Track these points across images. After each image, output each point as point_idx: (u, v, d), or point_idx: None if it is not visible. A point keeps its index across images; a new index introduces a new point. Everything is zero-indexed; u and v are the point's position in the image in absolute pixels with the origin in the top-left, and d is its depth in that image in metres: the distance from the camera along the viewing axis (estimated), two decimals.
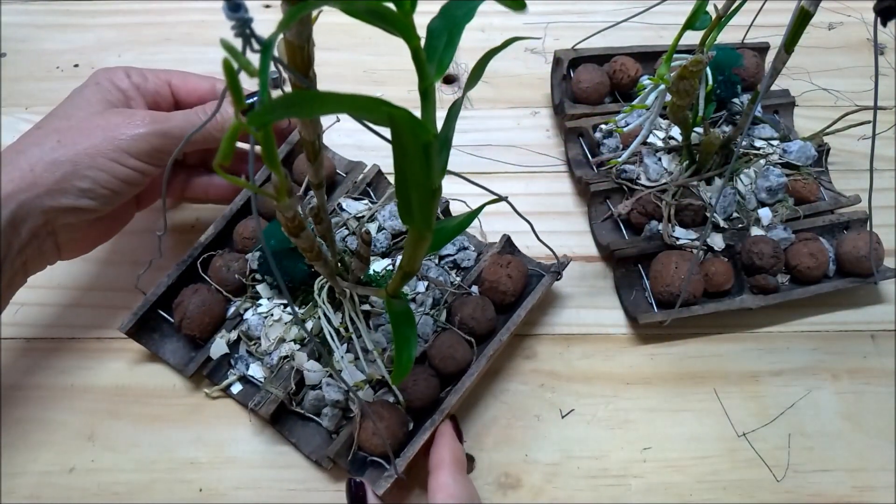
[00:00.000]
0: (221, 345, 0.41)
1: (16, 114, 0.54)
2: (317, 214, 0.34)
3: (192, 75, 0.44)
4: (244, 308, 0.43)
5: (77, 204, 0.36)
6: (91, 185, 0.36)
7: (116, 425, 0.41)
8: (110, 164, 0.37)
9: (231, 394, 0.42)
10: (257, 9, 0.60)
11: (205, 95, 0.43)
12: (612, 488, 0.40)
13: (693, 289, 0.43)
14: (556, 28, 0.60)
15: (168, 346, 0.43)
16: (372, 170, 0.47)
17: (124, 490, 0.39)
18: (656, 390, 0.43)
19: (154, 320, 0.43)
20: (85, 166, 0.36)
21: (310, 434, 0.40)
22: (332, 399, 0.39)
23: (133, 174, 0.38)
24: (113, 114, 0.38)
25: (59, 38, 0.59)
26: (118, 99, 0.40)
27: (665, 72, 0.39)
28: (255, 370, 0.41)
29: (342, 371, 0.39)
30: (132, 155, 0.37)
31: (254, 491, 0.40)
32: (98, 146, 0.37)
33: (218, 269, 0.43)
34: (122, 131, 0.37)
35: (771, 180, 0.46)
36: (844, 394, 0.43)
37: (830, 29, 0.61)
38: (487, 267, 0.43)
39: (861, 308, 0.47)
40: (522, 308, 0.42)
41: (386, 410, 0.38)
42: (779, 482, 0.40)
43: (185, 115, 0.40)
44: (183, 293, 0.42)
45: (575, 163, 0.51)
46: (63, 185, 0.36)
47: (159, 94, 0.42)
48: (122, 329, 0.41)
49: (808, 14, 0.34)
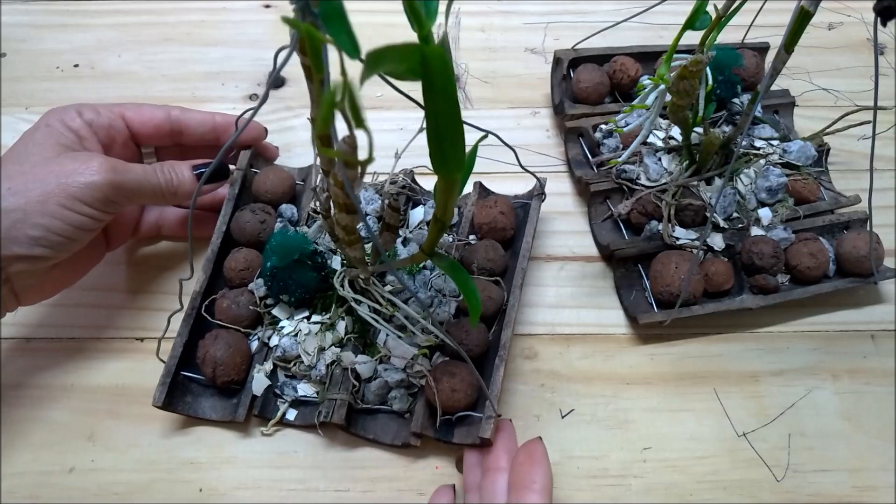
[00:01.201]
0: (262, 379, 0.40)
1: (16, 114, 0.54)
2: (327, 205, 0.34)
3: (146, 106, 0.43)
4: (267, 336, 0.42)
5: (30, 252, 0.35)
6: (43, 232, 0.35)
7: (116, 425, 0.41)
8: (63, 212, 0.35)
9: (288, 421, 0.40)
10: (257, 9, 0.60)
11: (160, 125, 0.43)
12: (612, 488, 0.40)
13: (693, 289, 0.43)
14: (556, 28, 0.60)
15: (204, 403, 0.41)
16: None
17: (124, 490, 0.39)
18: (656, 390, 0.43)
19: (181, 384, 0.40)
20: (36, 213, 0.35)
21: (383, 424, 0.40)
22: (395, 380, 0.39)
23: (87, 220, 0.37)
24: (67, 159, 0.37)
25: (59, 38, 0.59)
26: (71, 140, 0.39)
27: (665, 72, 0.39)
28: (304, 389, 0.41)
29: (393, 351, 0.40)
30: (85, 203, 0.36)
31: (254, 491, 0.40)
32: (50, 193, 0.35)
33: (227, 310, 0.41)
34: (75, 178, 0.36)
35: (771, 180, 0.46)
36: (844, 394, 0.43)
37: (830, 29, 0.61)
38: (477, 213, 0.45)
39: (861, 308, 0.47)
40: (527, 234, 0.44)
41: (453, 367, 0.38)
42: (779, 482, 0.40)
43: (144, 171, 0.39)
44: (202, 346, 0.40)
45: (575, 163, 0.51)
46: (14, 234, 0.35)
47: (113, 127, 0.41)
48: (156, 403, 0.39)
49: (808, 14, 0.34)
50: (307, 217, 0.45)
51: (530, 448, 0.35)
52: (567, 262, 0.48)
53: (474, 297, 0.32)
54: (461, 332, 0.40)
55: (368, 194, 0.46)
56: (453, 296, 0.43)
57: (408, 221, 0.46)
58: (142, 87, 0.56)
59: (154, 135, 0.43)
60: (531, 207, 0.45)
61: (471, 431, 0.38)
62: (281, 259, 0.39)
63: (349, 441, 0.41)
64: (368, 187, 0.46)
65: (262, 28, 0.59)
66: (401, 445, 0.40)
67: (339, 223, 0.31)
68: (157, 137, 0.43)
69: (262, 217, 0.44)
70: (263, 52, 0.57)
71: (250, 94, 0.55)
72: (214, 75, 0.56)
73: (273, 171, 0.46)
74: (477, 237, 0.45)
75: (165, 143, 0.44)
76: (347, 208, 0.29)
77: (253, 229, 0.43)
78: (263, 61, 0.57)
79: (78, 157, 0.37)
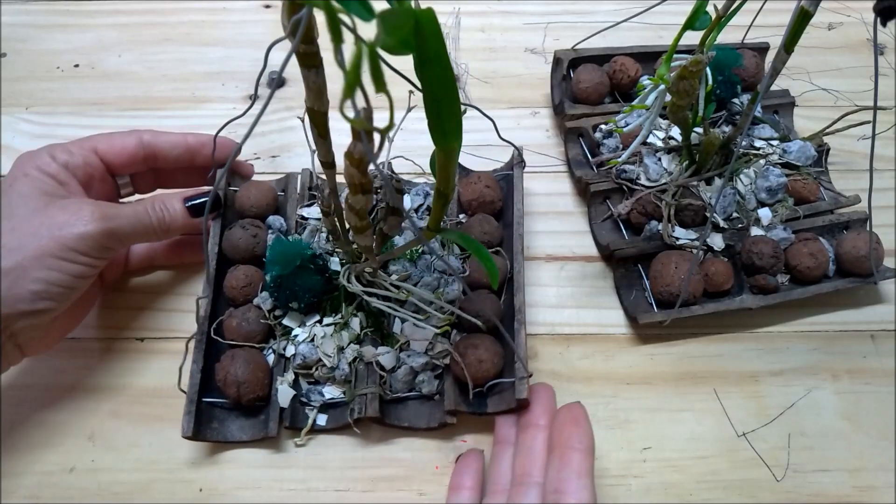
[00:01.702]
0: (286, 390, 0.40)
1: (16, 114, 0.54)
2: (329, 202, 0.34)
3: (115, 135, 0.42)
4: (282, 347, 0.41)
5: (33, 308, 0.35)
6: (44, 286, 0.35)
7: (116, 425, 0.41)
8: (61, 263, 0.36)
9: (320, 426, 0.40)
10: (257, 9, 0.60)
11: (134, 153, 0.42)
12: (613, 488, 0.40)
13: (693, 289, 0.43)
14: (556, 28, 0.60)
15: (232, 426, 0.40)
16: (304, 174, 0.47)
17: (124, 490, 0.39)
18: (656, 390, 0.43)
19: (205, 411, 0.40)
20: (35, 268, 0.35)
21: (414, 411, 0.41)
22: (420, 364, 0.40)
23: (84, 269, 0.37)
24: (56, 209, 0.37)
25: (59, 38, 0.59)
26: (53, 186, 0.38)
27: (665, 72, 0.38)
28: (330, 391, 0.41)
29: (412, 336, 0.40)
30: (81, 252, 0.36)
31: (254, 491, 0.40)
32: (45, 247, 0.35)
33: (237, 328, 0.41)
34: (67, 230, 0.36)
35: (771, 180, 0.46)
36: (844, 394, 0.43)
37: (830, 29, 0.61)
38: (463, 191, 0.46)
39: (861, 308, 0.47)
40: (517, 202, 0.44)
41: (475, 339, 0.39)
42: (779, 482, 0.40)
43: (135, 212, 0.39)
44: (221, 368, 0.39)
45: (575, 163, 0.51)
46: (15, 291, 0.35)
47: (89, 164, 0.40)
48: (185, 434, 0.38)
49: (808, 14, 0.34)
50: (297, 225, 0.45)
51: (573, 409, 0.35)
52: (567, 262, 0.48)
53: (489, 260, 0.32)
54: (475, 306, 0.40)
55: None
56: (458, 274, 0.43)
57: None
58: (142, 87, 0.56)
59: (129, 164, 0.42)
60: (514, 176, 0.46)
61: (503, 398, 0.39)
62: (284, 267, 0.39)
63: (351, 441, 0.41)
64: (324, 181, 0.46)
65: (262, 28, 0.59)
66: (437, 427, 0.40)
67: (352, 208, 0.31)
68: (131, 166, 0.42)
69: (253, 231, 0.43)
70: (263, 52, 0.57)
71: (250, 94, 0.55)
72: (214, 75, 0.57)
73: (254, 185, 0.45)
74: (467, 215, 0.46)
75: (140, 169, 0.43)
76: (363, 188, 0.29)
77: (247, 245, 0.43)
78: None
79: (67, 207, 0.37)
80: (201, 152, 0.44)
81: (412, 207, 0.47)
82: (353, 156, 0.27)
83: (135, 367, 0.43)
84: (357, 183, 0.29)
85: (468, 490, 0.38)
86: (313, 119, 0.30)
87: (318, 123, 0.30)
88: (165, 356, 0.44)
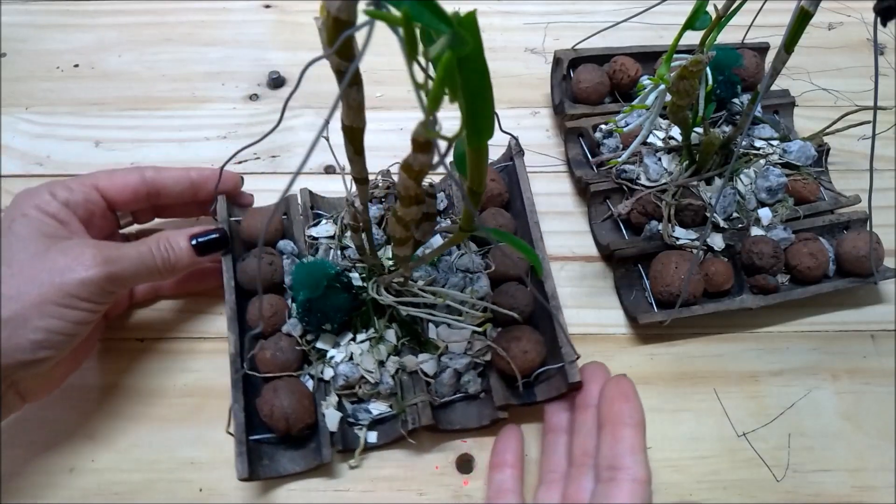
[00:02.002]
0: (333, 413, 0.39)
1: (16, 114, 0.54)
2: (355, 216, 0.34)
3: (116, 172, 0.41)
4: (320, 371, 0.40)
5: (34, 357, 0.34)
6: (45, 335, 0.34)
7: (116, 425, 0.41)
8: (61, 311, 0.34)
9: (371, 444, 0.40)
10: (257, 9, 0.60)
11: (137, 190, 0.41)
12: None
13: (693, 289, 0.43)
14: (556, 28, 0.60)
15: (283, 459, 0.39)
16: (303, 194, 0.46)
17: (124, 490, 0.39)
18: (656, 390, 0.43)
19: (254, 450, 0.38)
20: (35, 317, 0.34)
21: (462, 412, 0.41)
22: (463, 365, 0.40)
23: (87, 315, 0.36)
24: (57, 253, 0.35)
25: (59, 38, 0.59)
26: (53, 228, 0.37)
27: (665, 72, 0.39)
28: (377, 407, 0.40)
29: (449, 339, 0.40)
30: (82, 298, 0.35)
31: (254, 491, 0.40)
32: (45, 295, 0.34)
33: (271, 360, 0.40)
34: (69, 276, 0.35)
35: (771, 180, 0.46)
36: (844, 394, 0.43)
37: (830, 29, 0.61)
38: None
39: (861, 308, 0.47)
40: (524, 191, 0.44)
41: (515, 331, 0.39)
42: (779, 482, 0.40)
43: (139, 254, 0.38)
44: (265, 403, 0.38)
45: (575, 163, 0.51)
46: (15, 342, 0.33)
47: (90, 201, 0.39)
48: (242, 476, 0.37)
49: (808, 14, 0.34)
50: (308, 245, 0.44)
51: (621, 384, 0.35)
52: (567, 262, 0.48)
53: (530, 251, 0.32)
54: (508, 299, 0.41)
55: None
56: (482, 270, 0.43)
57: None
58: (142, 87, 0.56)
59: (131, 201, 0.41)
60: (516, 166, 0.46)
61: (551, 385, 0.39)
62: (313, 290, 0.38)
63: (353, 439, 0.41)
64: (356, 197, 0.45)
65: (262, 28, 0.59)
66: (489, 424, 0.40)
67: (401, 220, 0.31)
68: (134, 203, 0.41)
69: (268, 259, 0.42)
70: (263, 52, 0.57)
71: (250, 95, 0.55)
72: (214, 75, 0.56)
73: (258, 212, 0.44)
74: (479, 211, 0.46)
75: (142, 206, 0.43)
76: (417, 199, 0.29)
77: (265, 274, 0.42)
78: (263, 61, 0.57)
79: (68, 251, 0.36)
80: (204, 187, 0.43)
81: (439, 210, 0.47)
82: (412, 168, 0.26)
83: (135, 367, 0.43)
84: (412, 195, 0.28)
85: (511, 468, 0.38)
86: (350, 136, 0.29)
87: (355, 140, 0.29)
88: (165, 356, 0.44)
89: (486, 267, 0.43)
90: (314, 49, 0.60)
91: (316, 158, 0.51)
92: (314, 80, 0.63)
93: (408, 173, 0.27)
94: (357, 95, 0.27)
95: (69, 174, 0.50)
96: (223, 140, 0.53)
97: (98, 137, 0.53)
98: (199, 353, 0.44)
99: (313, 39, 0.67)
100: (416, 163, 0.26)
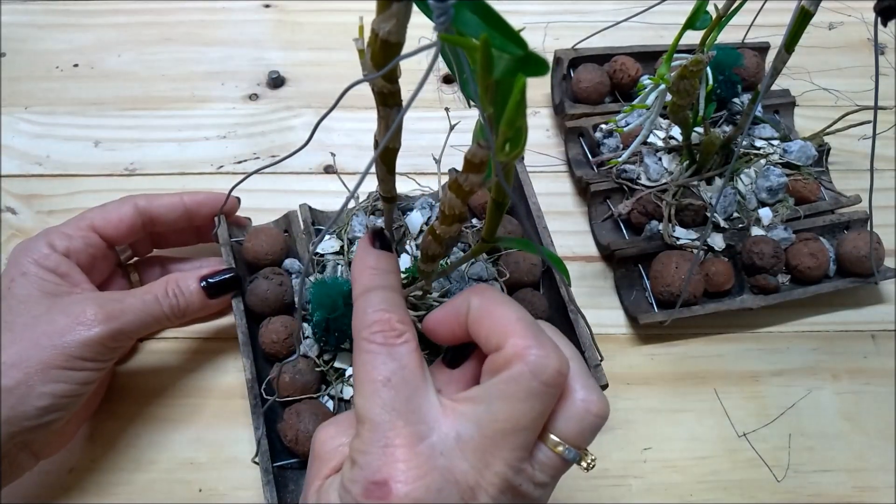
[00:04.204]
0: None
1: (16, 114, 0.54)
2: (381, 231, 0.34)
3: (109, 206, 0.40)
4: (339, 391, 0.40)
5: (41, 422, 0.34)
6: (51, 400, 0.33)
7: (117, 425, 0.41)
8: (66, 374, 0.34)
9: None
10: (257, 9, 0.60)
11: (132, 223, 0.40)
12: (613, 488, 0.40)
13: (693, 289, 0.43)
14: (556, 28, 0.60)
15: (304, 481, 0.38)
16: (303, 210, 0.44)
17: (124, 490, 0.39)
18: (656, 390, 0.43)
19: (279, 476, 0.38)
20: (39, 383, 0.33)
21: None
22: None
23: (92, 374, 0.35)
24: (58, 313, 0.35)
25: (59, 38, 0.58)
26: (53, 284, 0.36)
27: (665, 72, 0.38)
28: None
29: None
30: (87, 359, 0.34)
31: (254, 491, 0.40)
32: (48, 359, 0.33)
33: (290, 384, 0.39)
34: (70, 337, 0.34)
35: (771, 180, 0.46)
36: (844, 394, 0.43)
37: (830, 29, 0.61)
38: None
39: (861, 308, 0.46)
40: (529, 195, 0.44)
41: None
42: (779, 482, 0.40)
43: (144, 304, 0.37)
44: (288, 428, 0.37)
45: (575, 163, 0.51)
46: (22, 409, 0.33)
47: (90, 245, 0.39)
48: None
49: (808, 14, 0.34)
50: (314, 263, 0.43)
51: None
52: (567, 263, 0.48)
53: (557, 259, 0.33)
54: (525, 306, 0.40)
55: (360, 218, 0.45)
56: (496, 278, 0.43)
57: (408, 229, 0.46)
58: (141, 87, 0.56)
59: (128, 234, 0.40)
60: (518, 170, 0.45)
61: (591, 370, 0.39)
62: (332, 310, 0.37)
63: None
64: (358, 212, 0.45)
65: (262, 28, 0.59)
66: None
67: (438, 238, 0.30)
68: (131, 235, 0.41)
69: (278, 280, 0.41)
70: (263, 52, 0.57)
71: (250, 94, 0.55)
72: (214, 75, 0.56)
73: (262, 231, 0.43)
74: (479, 218, 0.46)
75: (139, 237, 0.42)
76: (460, 217, 0.28)
77: (276, 296, 0.41)
78: (263, 61, 0.57)
79: (69, 310, 0.35)
80: (199, 212, 0.42)
81: (423, 221, 0.46)
82: (462, 187, 0.26)
83: (135, 367, 0.43)
84: (457, 213, 0.28)
85: None
86: (385, 156, 0.28)
87: (389, 161, 0.29)
88: (166, 356, 0.44)
89: (500, 274, 0.43)
90: (314, 49, 0.60)
91: (316, 158, 0.52)
92: (314, 79, 0.63)
93: (456, 193, 0.26)
94: (397, 117, 0.27)
95: (69, 174, 0.51)
96: (223, 140, 0.53)
97: (97, 137, 0.53)
98: (199, 353, 0.44)
99: (313, 39, 0.67)
100: (468, 183, 0.25)
